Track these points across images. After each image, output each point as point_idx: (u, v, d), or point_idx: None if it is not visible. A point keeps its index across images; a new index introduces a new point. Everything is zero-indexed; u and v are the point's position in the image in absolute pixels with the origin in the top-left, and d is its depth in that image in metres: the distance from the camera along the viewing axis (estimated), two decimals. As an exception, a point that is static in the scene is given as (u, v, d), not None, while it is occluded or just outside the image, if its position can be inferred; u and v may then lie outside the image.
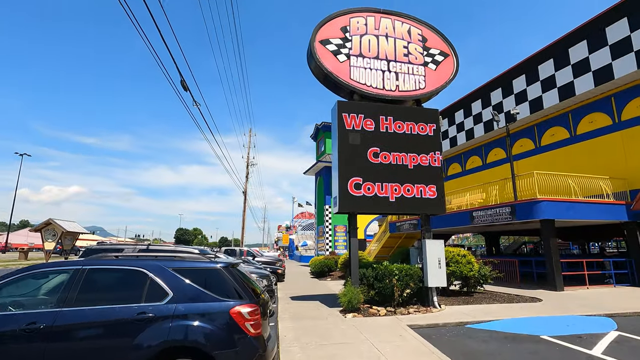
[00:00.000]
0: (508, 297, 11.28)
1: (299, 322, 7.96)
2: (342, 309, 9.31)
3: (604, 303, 10.23)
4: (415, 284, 9.74)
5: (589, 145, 16.87)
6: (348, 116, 10.19)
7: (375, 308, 9.51)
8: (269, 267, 17.88)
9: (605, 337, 6.98)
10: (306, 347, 5.94)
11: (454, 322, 8.09)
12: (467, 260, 11.29)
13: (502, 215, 14.27)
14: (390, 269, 9.78)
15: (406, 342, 6.33)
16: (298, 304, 10.74)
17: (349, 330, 7.13)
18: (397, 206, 10.02)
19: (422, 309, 9.42)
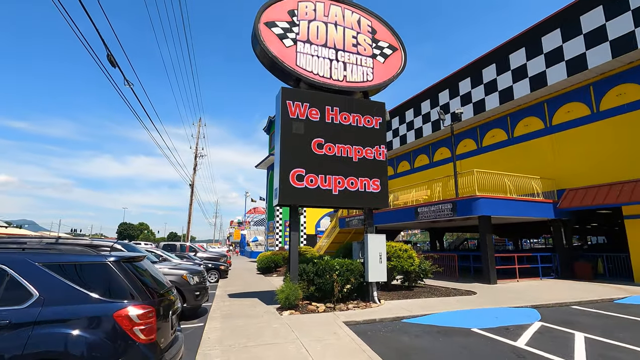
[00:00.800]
0: (446, 291, 11.53)
1: (229, 322, 7.36)
2: (280, 307, 8.85)
3: (531, 295, 10.78)
4: (356, 279, 9.54)
5: (524, 147, 17.95)
6: (292, 104, 9.69)
7: (314, 304, 9.16)
8: (210, 263, 16.95)
9: (530, 328, 7.21)
10: (228, 350, 5.38)
11: (391, 317, 7.97)
12: (409, 255, 11.36)
13: (444, 212, 14.66)
14: (331, 264, 9.49)
15: (339, 340, 6.02)
16: (235, 301, 10.11)
17: (281, 329, 6.68)
18: (341, 199, 9.74)
19: (362, 304, 9.25)
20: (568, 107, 16.11)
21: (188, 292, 8.44)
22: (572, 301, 9.79)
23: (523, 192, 15.38)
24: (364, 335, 6.69)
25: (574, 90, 15.93)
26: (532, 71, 16.86)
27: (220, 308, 9.06)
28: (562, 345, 6.00)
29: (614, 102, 14.50)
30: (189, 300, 8.41)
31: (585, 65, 14.66)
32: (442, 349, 5.86)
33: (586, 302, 9.88)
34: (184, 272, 8.63)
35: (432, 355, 5.57)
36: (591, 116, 15.27)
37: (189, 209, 33.67)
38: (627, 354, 5.57)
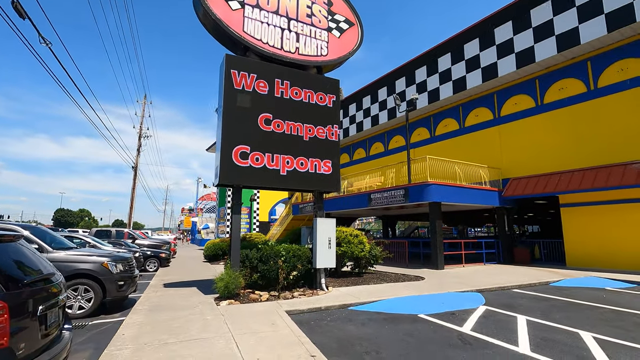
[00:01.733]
0: (395, 277, 11.40)
1: (155, 315, 6.45)
2: (218, 296, 8.05)
3: (476, 280, 10.96)
4: (304, 265, 8.98)
5: (474, 137, 18.40)
6: (238, 74, 8.74)
7: (257, 293, 8.48)
8: (149, 251, 15.58)
9: (475, 312, 7.11)
10: (141, 349, 4.54)
11: (337, 304, 7.51)
12: (359, 240, 11.03)
13: (396, 198, 14.56)
14: (276, 249, 8.82)
15: (276, 331, 5.40)
16: (169, 291, 9.12)
17: (214, 322, 5.92)
18: (289, 181, 9.05)
19: (309, 292, 8.72)
20: (515, 99, 16.65)
21: (109, 282, 7.35)
22: (513, 285, 10.04)
23: (472, 181, 15.73)
24: (306, 325, 6.14)
25: (521, 82, 16.47)
26: (485, 62, 17.19)
27: (149, 299, 8.06)
28: (505, 329, 5.88)
29: (556, 95, 15.17)
30: (110, 291, 7.33)
31: (533, 58, 15.14)
32: (387, 337, 5.47)
33: (525, 286, 10.19)
34: (105, 259, 7.50)
35: (376, 344, 5.15)
36: (535, 108, 15.89)
37: (131, 193, 31.24)
38: (564, 334, 5.55)
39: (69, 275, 7.02)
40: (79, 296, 7.08)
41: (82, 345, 5.21)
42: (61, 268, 7.03)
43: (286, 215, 25.71)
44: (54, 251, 7.14)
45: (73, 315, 6.95)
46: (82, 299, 7.11)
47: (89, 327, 6.40)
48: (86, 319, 6.97)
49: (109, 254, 7.82)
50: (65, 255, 7.19)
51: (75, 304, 7.04)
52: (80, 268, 7.18)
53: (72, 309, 6.98)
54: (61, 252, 7.21)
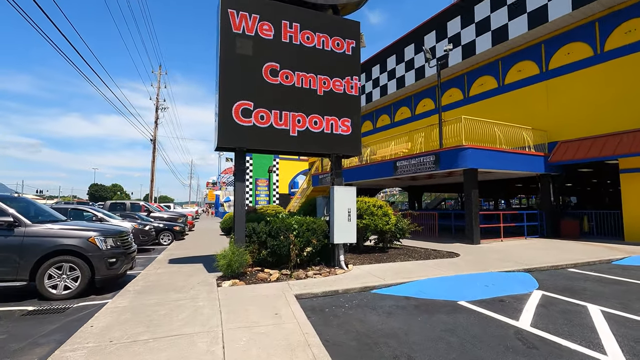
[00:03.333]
0: (425, 253, 10.07)
1: (142, 299, 5.50)
2: (222, 275, 7.06)
3: (520, 256, 9.45)
4: (320, 240, 7.80)
5: (515, 96, 16.17)
6: (236, 14, 7.28)
7: (267, 271, 7.43)
8: (162, 224, 14.97)
9: (530, 299, 5.72)
10: (101, 350, 3.52)
11: (358, 286, 6.32)
12: (384, 212, 9.68)
13: (425, 165, 12.97)
14: (287, 222, 7.66)
15: (279, 325, 4.27)
16: (172, 268, 8.26)
17: (206, 310, 4.87)
18: (300, 143, 7.71)
19: (325, 270, 7.58)
20: (568, 47, 14.21)
21: (97, 259, 6.46)
22: (567, 263, 8.48)
23: (513, 145, 13.80)
24: (318, 314, 5.00)
25: (576, 27, 13.96)
26: (531, 6, 14.68)
27: (146, 277, 7.19)
28: (578, 325, 4.49)
29: (622, 40, 12.69)
30: (98, 269, 6.45)
31: (594, -5, 12.60)
32: (421, 334, 4.23)
33: (583, 264, 8.61)
34: (93, 234, 6.59)
35: (407, 345, 3.92)
36: (593, 58, 13.48)
37: (151, 166, 31.06)
38: (668, 337, 4.11)
39: (49, 251, 6.18)
40: (63, 275, 6.25)
41: (46, 337, 4.30)
42: (40, 244, 6.21)
43: (306, 187, 24.62)
44: (34, 225, 6.27)
45: (58, 296, 6.16)
46: (68, 277, 6.28)
47: (71, 310, 5.55)
48: (72, 300, 6.16)
49: (98, 228, 6.90)
50: (46, 230, 6.32)
51: (60, 283, 6.22)
52: (63, 244, 6.30)
53: (56, 289, 6.18)
54: (41, 226, 6.33)
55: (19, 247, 6.04)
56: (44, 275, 6.13)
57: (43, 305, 5.84)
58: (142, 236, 12.37)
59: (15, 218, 6.12)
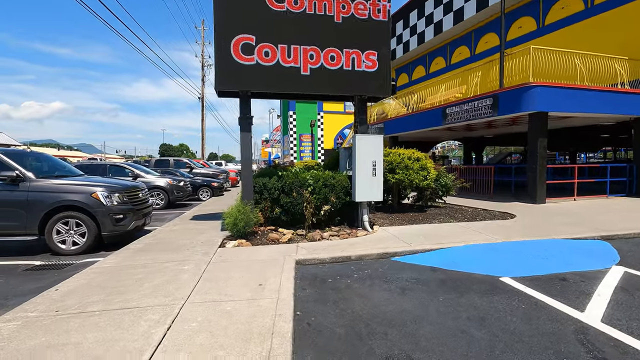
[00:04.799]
0: (472, 213, 8.59)
1: (132, 259, 5.09)
2: (230, 235, 6.47)
3: (598, 220, 7.58)
4: (339, 197, 6.80)
5: (605, 20, 12.72)
6: None
7: (280, 231, 6.71)
8: (200, 180, 15.05)
9: (605, 279, 4.25)
10: (34, 322, 3.02)
11: (376, 252, 5.31)
12: (422, 165, 8.24)
13: (480, 110, 10.93)
14: (301, 177, 6.72)
15: (254, 301, 3.47)
16: (189, 225, 7.93)
17: (185, 275, 4.26)
18: (314, 83, 6.49)
19: (345, 232, 6.64)
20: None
21: (102, 215, 6.20)
22: (665, 230, 6.51)
23: (600, 81, 10.98)
24: (317, 286, 4.13)
25: None
26: None
27: (157, 234, 6.89)
28: (681, 326, 3.05)
29: None
30: (104, 224, 6.22)
31: None
32: (437, 324, 3.16)
33: (688, 232, 6.56)
34: (97, 190, 6.30)
35: (413, 340, 2.89)
36: None
37: (201, 124, 31.77)
38: None
39: (53, 207, 6.02)
40: (71, 230, 6.11)
41: (21, 297, 4.02)
42: (44, 199, 6.06)
43: (349, 142, 23.34)
44: (38, 180, 6.10)
45: (67, 252, 6.07)
46: (75, 233, 6.14)
47: (72, 267, 5.37)
48: (80, 256, 6.05)
49: (103, 184, 6.60)
50: (50, 185, 6.13)
51: (68, 239, 6.11)
52: (66, 199, 6.10)
53: (65, 245, 6.09)
54: (46, 181, 6.15)
55: (25, 202, 5.94)
56: (52, 230, 6.03)
57: (51, 261, 5.77)
58: (176, 192, 12.43)
59: (19, 172, 5.98)
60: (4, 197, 5.90)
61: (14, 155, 6.29)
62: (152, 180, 12.17)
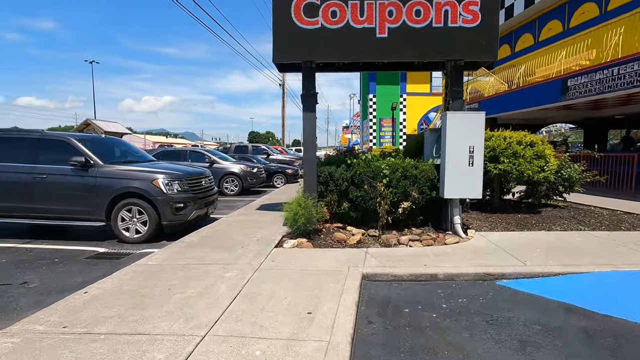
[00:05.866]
0: (610, 218, 6.33)
1: (177, 256, 4.55)
2: (290, 232, 5.62)
3: None
4: (423, 192, 5.41)
5: None
6: None
7: (349, 230, 5.65)
8: (275, 166, 14.78)
9: None
10: (32, 343, 2.47)
11: (473, 271, 3.88)
12: (537, 152, 6.24)
13: (623, 79, 8.17)
14: (375, 166, 5.49)
15: (295, 343, 2.47)
16: (251, 216, 7.37)
17: (223, 287, 3.47)
18: (394, 46, 5.12)
19: (430, 235, 5.26)
20: None
21: (162, 203, 5.89)
22: None
23: None
24: (383, 320, 2.98)
25: None
26: None
27: (215, 227, 6.40)
28: None
29: None
30: (164, 213, 5.90)
31: None
32: None
33: None
34: (158, 176, 6.01)
35: None
36: None
37: (282, 111, 32.14)
38: None
39: (118, 193, 5.88)
40: (134, 218, 5.92)
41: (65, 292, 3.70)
42: (110, 185, 5.93)
43: (435, 124, 20.90)
44: (106, 165, 6.01)
45: (131, 239, 5.92)
46: (138, 221, 5.94)
47: (129, 257, 5.12)
48: (141, 245, 5.84)
49: (165, 170, 6.29)
50: (116, 170, 6.01)
51: (132, 226, 5.94)
52: (130, 186, 5.91)
53: (129, 232, 5.93)
54: (113, 167, 6.04)
55: (94, 187, 5.89)
56: (117, 217, 5.91)
57: (114, 248, 5.65)
58: (250, 178, 12.23)
59: (88, 158, 5.94)
60: (74, 182, 5.93)
61: (86, 141, 6.31)
62: (226, 167, 12.14)
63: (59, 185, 5.96)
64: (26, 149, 6.16)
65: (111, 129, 28.77)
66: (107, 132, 27.94)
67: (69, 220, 6.02)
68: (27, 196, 6.01)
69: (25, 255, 5.22)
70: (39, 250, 5.53)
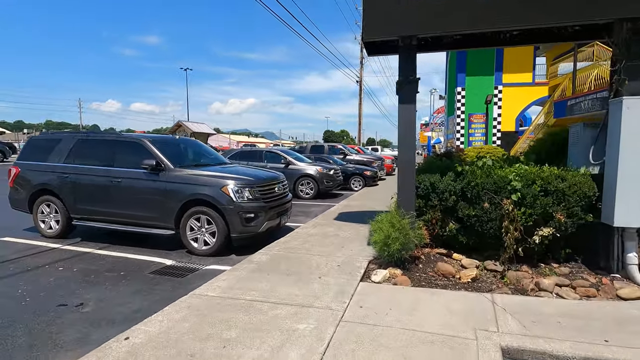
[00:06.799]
0: None
1: (242, 287, 3.70)
2: (377, 257, 4.43)
3: None
4: (573, 214, 3.76)
5: None
6: None
7: (455, 259, 4.31)
8: (352, 168, 13.70)
9: None
10: None
11: None
12: None
13: None
14: (499, 176, 3.99)
15: None
16: (329, 228, 6.37)
17: (292, 354, 2.46)
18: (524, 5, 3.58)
19: (587, 279, 3.61)
20: None
21: (231, 213, 5.21)
22: None
23: None
24: None
25: None
26: None
27: (288, 242, 5.51)
28: None
29: None
30: (233, 224, 5.23)
31: None
32: None
33: None
34: (228, 182, 5.35)
35: None
36: None
37: (358, 108, 31.03)
38: None
39: (187, 200, 5.36)
40: (203, 228, 5.36)
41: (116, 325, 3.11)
42: (179, 190, 5.41)
43: (543, 121, 17.66)
44: (176, 169, 5.55)
45: (199, 251, 5.37)
46: (206, 232, 5.35)
47: (195, 276, 4.54)
48: (209, 258, 5.25)
49: (236, 176, 5.61)
50: (186, 175, 5.51)
51: (200, 237, 5.38)
52: (197, 192, 5.36)
53: (197, 243, 5.39)
54: (184, 171, 5.56)
55: (164, 192, 5.46)
56: (186, 226, 5.39)
57: (182, 261, 5.13)
58: (326, 181, 11.34)
59: (159, 161, 5.54)
60: (145, 186, 5.57)
61: (158, 142, 5.95)
62: (302, 168, 11.43)
63: (131, 190, 5.67)
64: (103, 150, 6.04)
65: (199, 129, 30.74)
66: (195, 132, 29.91)
67: (140, 226, 5.72)
68: (103, 200, 5.86)
69: (97, 265, 4.94)
70: (111, 258, 5.25)
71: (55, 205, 6.12)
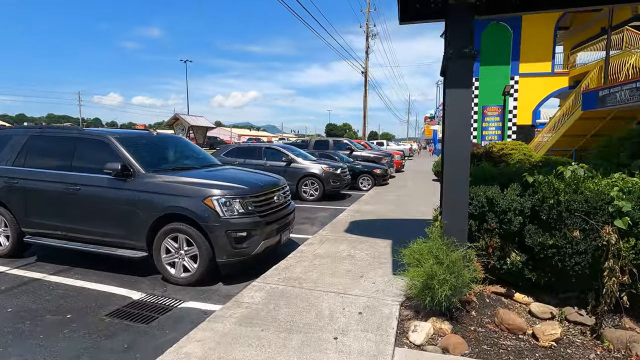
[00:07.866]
0: None
1: (231, 349, 2.51)
2: (410, 298, 3.24)
3: None
4: None
5: None
6: None
7: (518, 301, 3.16)
8: (360, 165, 12.49)
9: None
10: None
11: None
12: None
13: None
14: (596, 190, 2.77)
15: None
16: (341, 246, 5.18)
17: None
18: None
19: None
20: None
21: (216, 231, 4.06)
22: None
23: None
24: None
25: None
26: None
27: (289, 269, 4.33)
28: None
29: None
30: (219, 246, 4.08)
31: None
32: None
33: None
34: (211, 192, 4.15)
35: None
36: None
37: (363, 100, 29.73)
38: None
39: (161, 215, 4.17)
40: (181, 250, 4.18)
41: None
42: (151, 201, 4.19)
43: (566, 114, 16.31)
44: (147, 175, 4.35)
45: (177, 279, 4.21)
46: (186, 255, 4.18)
47: (166, 319, 3.41)
48: (191, 289, 4.09)
49: (224, 182, 4.42)
50: (160, 182, 4.29)
51: (178, 261, 4.21)
52: (172, 205, 4.15)
53: (174, 269, 4.22)
54: (156, 177, 4.34)
55: (132, 203, 4.27)
56: (160, 247, 4.22)
57: (154, 294, 3.97)
58: (332, 181, 10.14)
59: (126, 164, 4.34)
60: (109, 196, 4.39)
61: (127, 140, 4.74)
62: (306, 167, 10.24)
63: (92, 200, 4.49)
64: (61, 150, 4.84)
65: (197, 122, 29.51)
66: (192, 126, 28.68)
67: (106, 245, 4.55)
68: (60, 212, 4.68)
69: (41, 300, 3.79)
70: (63, 289, 4.09)
71: (4, 217, 4.99)
